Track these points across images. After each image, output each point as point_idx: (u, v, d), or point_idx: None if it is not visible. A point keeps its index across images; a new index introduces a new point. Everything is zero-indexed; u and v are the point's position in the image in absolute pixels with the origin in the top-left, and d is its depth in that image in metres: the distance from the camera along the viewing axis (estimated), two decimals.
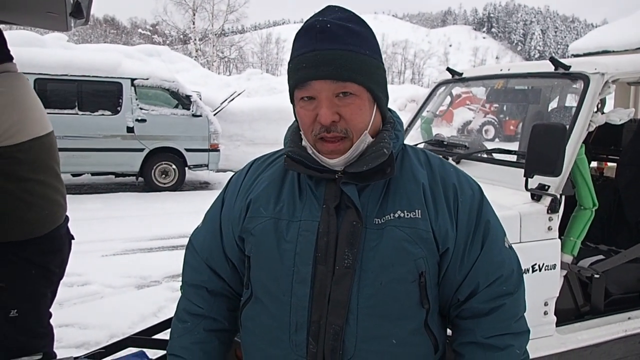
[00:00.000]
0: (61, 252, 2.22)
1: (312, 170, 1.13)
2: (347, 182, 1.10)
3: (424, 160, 1.20)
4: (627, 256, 2.74)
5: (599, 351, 2.57)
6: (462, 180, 1.19)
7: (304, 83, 1.06)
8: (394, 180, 1.14)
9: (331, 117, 1.05)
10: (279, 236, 1.12)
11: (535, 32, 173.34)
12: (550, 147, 2.09)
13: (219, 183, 10.32)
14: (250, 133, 11.95)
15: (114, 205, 7.94)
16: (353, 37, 1.06)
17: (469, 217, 1.15)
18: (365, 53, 1.07)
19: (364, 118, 1.09)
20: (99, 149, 8.52)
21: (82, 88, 8.43)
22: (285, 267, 1.11)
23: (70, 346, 3.41)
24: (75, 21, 2.47)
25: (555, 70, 2.63)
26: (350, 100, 1.06)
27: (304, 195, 1.15)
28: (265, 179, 1.22)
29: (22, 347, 2.10)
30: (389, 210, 1.10)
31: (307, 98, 1.08)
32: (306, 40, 1.07)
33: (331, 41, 1.04)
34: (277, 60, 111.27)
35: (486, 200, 1.20)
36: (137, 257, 5.51)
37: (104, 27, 79.89)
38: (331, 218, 1.10)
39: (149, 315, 3.90)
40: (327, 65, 1.03)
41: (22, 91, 2.06)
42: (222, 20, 35.28)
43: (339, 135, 1.07)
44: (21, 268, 2.06)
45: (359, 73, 1.05)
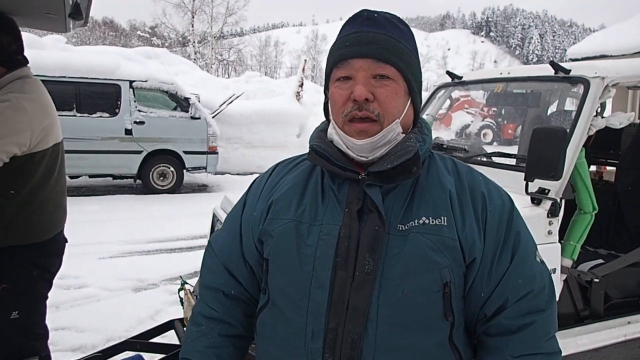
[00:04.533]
0: (61, 255, 2.28)
1: (335, 166, 1.10)
2: (371, 183, 1.07)
3: (452, 167, 1.16)
4: (627, 260, 2.73)
5: (599, 355, 2.56)
6: (491, 189, 1.14)
7: (343, 61, 1.06)
8: (420, 186, 1.10)
9: (365, 94, 1.03)
10: (300, 240, 1.09)
11: (533, 37, 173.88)
12: (550, 151, 2.08)
13: (217, 186, 10.31)
14: (248, 136, 11.93)
15: (112, 207, 7.92)
16: (397, 30, 1.08)
17: (499, 227, 1.09)
18: (406, 45, 1.08)
19: (398, 105, 1.07)
20: (97, 151, 8.50)
21: (80, 90, 8.42)
22: (304, 272, 1.07)
23: (67, 350, 3.39)
24: (74, 22, 2.46)
25: (556, 74, 2.62)
26: (387, 82, 1.05)
27: (326, 199, 1.12)
28: (288, 181, 1.19)
29: (21, 349, 2.12)
30: (414, 217, 1.06)
31: (343, 78, 1.07)
32: (352, 25, 1.09)
33: (376, 27, 1.06)
34: (276, 63, 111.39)
35: (517, 211, 1.14)
36: (134, 260, 5.49)
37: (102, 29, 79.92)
38: (353, 222, 1.06)
39: (146, 319, 3.88)
40: (368, 44, 1.04)
41: (47, 97, 2.13)
42: (221, 23, 35.31)
43: (370, 116, 1.05)
44: (24, 270, 2.11)
45: (399, 59, 1.06)
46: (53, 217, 2.20)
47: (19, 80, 2.03)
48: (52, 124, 2.11)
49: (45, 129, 2.06)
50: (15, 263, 2.08)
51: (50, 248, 2.20)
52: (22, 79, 2.05)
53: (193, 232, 6.44)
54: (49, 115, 2.09)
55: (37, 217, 2.11)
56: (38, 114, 2.02)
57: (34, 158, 2.04)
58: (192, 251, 5.75)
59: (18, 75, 2.05)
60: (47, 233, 2.17)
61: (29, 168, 2.04)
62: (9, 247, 2.07)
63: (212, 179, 10.56)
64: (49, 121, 2.08)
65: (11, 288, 2.06)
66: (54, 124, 2.13)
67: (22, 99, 1.97)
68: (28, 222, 2.09)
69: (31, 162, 2.04)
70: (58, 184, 2.20)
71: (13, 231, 2.06)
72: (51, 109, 2.13)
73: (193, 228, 6.52)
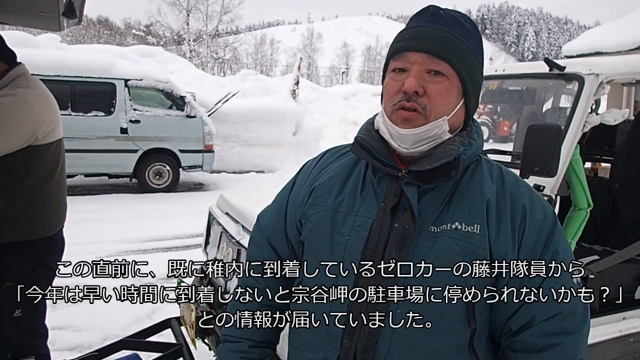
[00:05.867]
0: (62, 253, 2.31)
1: (377, 161, 1.11)
2: (409, 182, 1.08)
3: (497, 176, 1.14)
4: (622, 256, 2.74)
5: (594, 351, 2.57)
6: (535, 202, 1.11)
7: (400, 53, 1.08)
8: (459, 191, 1.09)
9: (416, 86, 1.04)
10: (334, 228, 1.12)
11: (528, 34, 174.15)
12: (545, 148, 2.09)
13: (213, 184, 10.30)
14: (244, 134, 11.90)
15: (108, 206, 7.90)
16: (460, 28, 1.09)
17: (536, 242, 1.07)
18: (467, 45, 1.08)
19: (448, 103, 1.07)
20: (93, 150, 8.47)
21: (75, 89, 8.38)
22: (333, 259, 1.10)
23: (64, 349, 3.38)
24: (68, 21, 2.45)
25: (550, 71, 2.63)
26: (439, 79, 1.06)
27: (365, 191, 1.14)
28: (333, 169, 1.22)
29: (22, 347, 2.13)
30: (447, 220, 1.06)
31: (399, 70, 1.08)
32: (416, 20, 1.11)
33: (438, 23, 1.08)
34: (272, 61, 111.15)
35: (559, 228, 1.11)
36: (130, 259, 5.47)
37: (97, 28, 79.64)
38: (386, 217, 1.08)
39: (143, 317, 3.88)
40: (426, 39, 1.06)
41: (50, 93, 2.18)
42: (216, 21, 35.26)
43: (417, 108, 1.05)
44: (28, 268, 2.12)
45: (456, 57, 1.06)
46: (57, 211, 2.24)
47: (21, 77, 2.08)
48: (57, 120, 2.16)
49: (51, 124, 2.10)
50: (20, 261, 2.11)
51: (53, 245, 2.24)
52: (24, 76, 2.10)
53: (189, 230, 6.43)
54: (53, 111, 2.14)
55: (43, 211, 2.14)
56: (43, 108, 2.06)
57: (37, 151, 2.07)
58: (189, 250, 5.74)
59: (19, 72, 2.09)
60: (52, 228, 2.21)
61: (33, 161, 2.07)
62: (14, 244, 2.09)
63: (208, 177, 10.54)
64: (54, 116, 2.13)
65: (15, 286, 2.06)
66: (58, 119, 2.18)
67: (28, 94, 2.02)
68: (34, 216, 2.12)
69: (35, 155, 2.07)
70: (61, 179, 2.24)
71: (20, 225, 2.09)
72: (55, 105, 2.17)
73: (189, 227, 6.51)
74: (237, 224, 2.66)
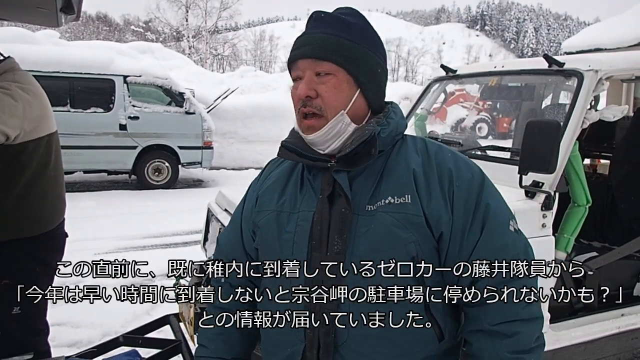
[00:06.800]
0: (62, 250, 2.29)
1: (305, 158, 1.18)
2: (339, 169, 1.15)
3: (421, 148, 1.21)
4: (621, 253, 2.75)
5: (592, 348, 2.57)
6: (460, 164, 1.17)
7: (292, 63, 1.18)
8: (388, 168, 1.16)
9: (306, 92, 1.13)
10: (280, 227, 1.19)
11: (528, 30, 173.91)
12: (544, 144, 2.09)
13: (212, 181, 10.29)
14: (243, 130, 11.91)
15: (107, 203, 7.89)
16: (342, 26, 1.15)
17: (467, 201, 1.14)
18: (349, 39, 1.14)
19: (340, 98, 1.14)
20: (91, 146, 8.45)
21: (74, 85, 8.36)
22: (284, 256, 1.16)
23: (62, 345, 3.38)
24: (65, 17, 2.44)
25: (550, 67, 2.63)
26: (326, 79, 1.13)
27: (304, 189, 1.21)
28: (274, 176, 1.30)
29: (23, 344, 2.13)
30: (381, 197, 1.13)
31: (297, 79, 1.17)
32: (305, 28, 1.19)
33: (320, 27, 1.16)
34: (271, 57, 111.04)
35: (488, 183, 1.18)
36: (129, 256, 5.48)
37: (96, 24, 79.46)
38: (324, 207, 1.15)
39: (141, 314, 3.87)
40: (308, 45, 1.15)
41: (39, 87, 2.15)
42: (215, 17, 35.18)
43: (313, 111, 1.14)
44: (26, 266, 2.11)
45: (335, 54, 1.13)
46: (54, 207, 2.22)
47: (9, 72, 2.06)
48: (45, 115, 2.12)
49: (37, 119, 2.07)
50: (17, 259, 2.09)
51: (52, 241, 2.22)
52: (12, 70, 2.08)
53: (188, 227, 6.42)
54: (41, 105, 2.11)
55: (38, 207, 2.12)
56: (30, 102, 2.03)
57: (27, 148, 2.04)
58: (188, 246, 5.74)
59: (7, 67, 2.07)
60: (50, 223, 2.19)
61: (23, 158, 2.05)
62: (10, 241, 2.08)
63: (207, 174, 10.54)
64: (42, 111, 2.10)
65: (13, 284, 2.06)
66: (47, 114, 2.14)
67: (15, 87, 2.00)
68: (30, 212, 2.10)
69: (25, 152, 2.04)
70: (56, 174, 2.22)
71: (14, 223, 2.07)
72: (44, 100, 2.14)
73: (188, 223, 6.50)
74: None
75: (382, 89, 1.22)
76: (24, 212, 2.08)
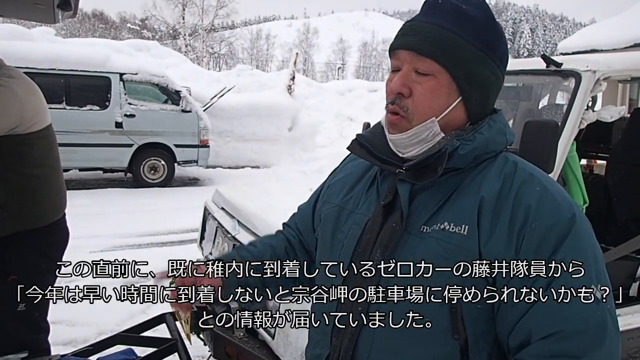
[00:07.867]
0: (66, 245, 2.33)
1: (375, 158, 1.07)
2: (403, 179, 1.02)
3: (507, 173, 0.99)
4: (617, 253, 2.75)
5: None
6: (544, 203, 0.93)
7: (393, 51, 1.03)
8: (460, 190, 0.99)
9: (399, 87, 0.99)
10: (338, 225, 1.12)
11: (524, 31, 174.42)
12: (542, 144, 2.09)
13: (208, 179, 10.27)
14: (240, 129, 11.87)
15: (102, 201, 7.87)
16: (459, 19, 0.98)
17: (538, 248, 0.91)
18: (463, 37, 0.98)
19: (434, 104, 0.99)
20: (87, 144, 8.43)
21: (70, 82, 8.35)
22: (332, 257, 1.09)
23: (58, 344, 3.36)
24: (62, 13, 2.43)
25: (547, 67, 2.63)
26: (424, 79, 0.98)
27: (371, 190, 1.11)
28: (348, 168, 1.22)
29: (24, 342, 2.12)
30: (439, 220, 0.97)
31: (396, 69, 1.02)
32: (418, 14, 1.04)
33: (432, 16, 1.00)
34: (267, 56, 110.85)
35: (578, 237, 0.92)
36: (125, 254, 5.46)
37: (92, 22, 79.08)
38: (378, 216, 1.04)
39: (137, 313, 3.86)
40: (414, 36, 0.99)
41: (32, 82, 2.18)
42: (212, 16, 35.16)
43: (399, 111, 1.00)
44: (32, 261, 2.12)
45: (441, 51, 0.97)
46: (58, 196, 2.26)
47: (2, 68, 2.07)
48: (43, 108, 2.16)
49: (36, 111, 2.09)
50: (23, 254, 2.10)
51: (57, 234, 2.25)
52: (3, 67, 2.08)
53: (184, 225, 6.41)
54: (37, 98, 2.13)
55: (43, 197, 2.15)
56: (27, 96, 2.06)
57: (28, 140, 2.06)
58: (184, 245, 5.73)
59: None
60: (56, 213, 2.23)
61: (26, 150, 2.07)
62: (17, 234, 2.08)
63: (203, 172, 10.51)
64: (38, 104, 2.13)
65: (20, 280, 2.05)
66: (44, 107, 2.17)
67: (11, 82, 2.01)
68: (36, 203, 2.12)
69: (26, 143, 2.06)
70: (57, 164, 2.25)
71: (22, 214, 2.08)
72: (39, 94, 2.16)
73: (184, 222, 6.49)
74: (232, 219, 2.65)
75: (490, 100, 1.04)
76: (31, 203, 2.10)
